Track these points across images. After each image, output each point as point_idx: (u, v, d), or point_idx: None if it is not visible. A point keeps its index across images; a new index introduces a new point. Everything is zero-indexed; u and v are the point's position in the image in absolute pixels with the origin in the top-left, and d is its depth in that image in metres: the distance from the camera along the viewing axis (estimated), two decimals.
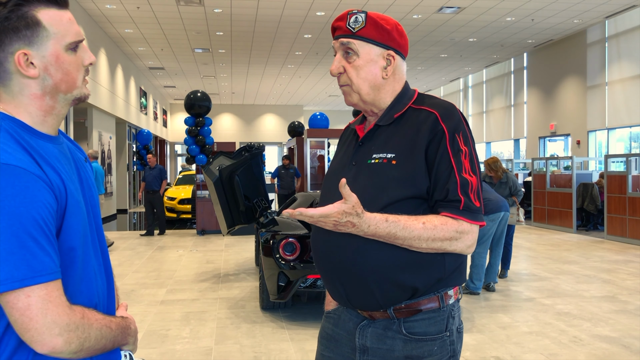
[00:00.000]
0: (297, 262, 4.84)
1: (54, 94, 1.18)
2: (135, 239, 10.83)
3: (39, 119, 1.18)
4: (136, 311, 5.39)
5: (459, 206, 1.43)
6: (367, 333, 1.53)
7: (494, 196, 6.08)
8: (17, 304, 1.03)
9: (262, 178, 6.47)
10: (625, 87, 13.70)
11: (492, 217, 6.04)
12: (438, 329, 1.49)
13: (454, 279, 1.52)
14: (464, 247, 1.45)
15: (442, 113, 1.49)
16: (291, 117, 28.21)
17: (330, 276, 1.56)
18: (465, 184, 1.44)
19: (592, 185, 11.40)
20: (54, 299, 1.06)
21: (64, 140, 1.28)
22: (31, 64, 1.14)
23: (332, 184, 1.61)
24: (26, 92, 1.16)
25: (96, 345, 1.14)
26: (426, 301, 1.49)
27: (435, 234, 1.41)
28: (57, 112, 1.21)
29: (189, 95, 11.57)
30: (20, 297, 1.03)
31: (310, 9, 12.51)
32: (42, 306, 1.04)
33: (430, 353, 1.48)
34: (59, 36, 1.16)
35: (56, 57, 1.16)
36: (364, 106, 1.59)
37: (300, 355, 4.15)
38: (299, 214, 1.27)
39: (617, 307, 5.44)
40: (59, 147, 1.21)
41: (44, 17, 1.14)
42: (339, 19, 1.56)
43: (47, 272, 1.05)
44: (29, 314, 1.04)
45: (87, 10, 12.58)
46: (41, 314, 1.04)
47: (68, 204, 1.13)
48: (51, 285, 1.06)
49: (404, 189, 1.46)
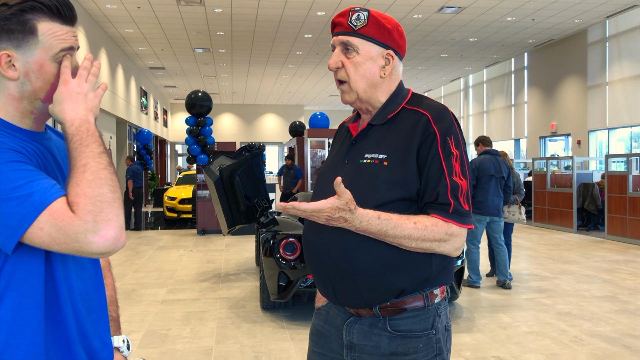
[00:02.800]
0: (297, 262, 4.85)
1: (32, 100, 1.18)
2: (136, 238, 10.84)
3: (16, 119, 1.18)
4: (136, 311, 5.40)
5: (448, 209, 1.44)
6: (354, 330, 1.54)
7: (484, 200, 6.21)
8: (46, 225, 1.02)
9: (262, 178, 6.47)
10: (626, 87, 13.70)
11: (478, 217, 6.26)
12: (423, 326, 1.51)
13: (440, 278, 1.54)
14: (452, 249, 1.47)
15: (435, 115, 1.49)
16: (292, 117, 28.22)
17: (320, 274, 1.57)
18: (456, 188, 1.45)
19: (592, 185, 11.39)
20: (61, 215, 1.04)
21: (51, 136, 1.28)
22: (12, 66, 1.14)
23: (325, 181, 1.62)
24: (4, 92, 1.16)
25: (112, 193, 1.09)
26: (411, 300, 1.50)
27: (426, 234, 1.42)
28: (35, 116, 1.21)
29: (190, 95, 11.58)
30: (43, 217, 1.02)
31: (311, 9, 12.51)
32: (66, 211, 1.03)
33: (416, 350, 1.49)
34: (48, 46, 1.16)
35: (40, 65, 1.16)
36: (360, 104, 1.60)
37: (301, 355, 4.15)
38: (292, 208, 1.28)
39: (617, 307, 5.43)
40: (37, 144, 1.20)
41: (43, 28, 1.14)
42: (340, 15, 1.56)
43: (47, 195, 1.04)
44: (61, 222, 1.02)
45: (87, 10, 12.59)
46: (67, 216, 1.02)
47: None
48: (54, 205, 1.04)
49: (394, 191, 1.47)
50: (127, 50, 16.76)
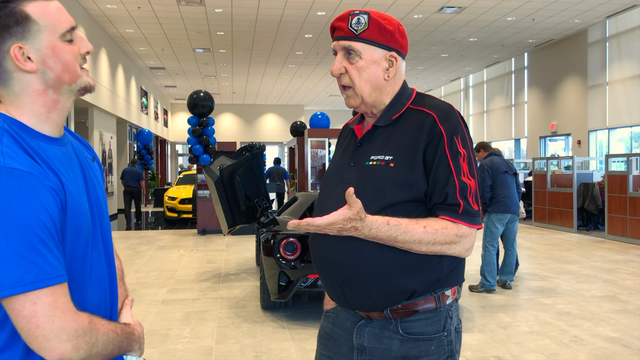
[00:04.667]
0: (297, 262, 4.85)
1: (57, 87, 1.16)
2: (136, 238, 10.84)
3: (43, 117, 1.16)
4: (137, 311, 5.40)
5: (458, 210, 1.43)
6: (365, 333, 1.53)
7: (507, 196, 6.09)
8: (23, 311, 1.01)
9: (262, 178, 6.48)
10: (626, 87, 13.70)
11: (500, 217, 6.10)
12: (435, 329, 1.49)
13: (451, 279, 1.52)
14: (463, 250, 1.45)
15: (440, 115, 1.48)
16: (292, 117, 28.22)
17: (329, 277, 1.56)
18: (464, 188, 1.43)
19: (592, 185, 11.39)
20: (61, 305, 1.04)
21: (70, 140, 1.26)
22: (28, 59, 1.12)
23: (330, 184, 1.60)
24: (29, 90, 1.14)
25: (104, 351, 1.12)
26: (423, 301, 1.48)
27: (436, 238, 1.40)
28: (61, 105, 1.18)
29: (192, 95, 11.58)
30: (26, 304, 1.01)
31: (311, 9, 12.51)
32: (48, 312, 1.02)
33: (428, 353, 1.48)
34: (51, 27, 1.14)
35: (52, 48, 1.14)
36: (365, 108, 1.58)
37: (301, 355, 4.16)
38: (306, 225, 1.27)
39: (617, 307, 5.43)
40: (62, 149, 1.19)
41: (32, 10, 1.12)
42: (340, 19, 1.53)
43: (56, 274, 1.04)
44: (35, 321, 1.02)
45: (87, 10, 12.59)
46: (48, 320, 1.02)
47: (68, 207, 1.11)
48: (58, 290, 1.04)
49: (402, 192, 1.45)
50: (128, 50, 16.76)
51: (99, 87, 13.69)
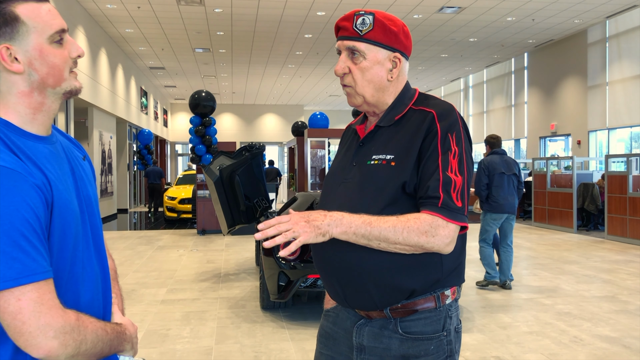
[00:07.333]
0: (297, 262, 4.84)
1: (42, 89, 1.16)
2: (136, 238, 10.84)
3: (28, 117, 1.16)
4: (136, 311, 5.40)
5: (437, 203, 1.40)
6: (364, 332, 1.53)
7: (501, 197, 6.15)
8: (8, 308, 1.00)
9: (262, 178, 6.48)
10: (626, 87, 13.70)
11: (494, 217, 6.19)
12: (434, 328, 1.49)
13: (451, 279, 1.52)
14: (442, 244, 1.40)
15: (439, 113, 1.48)
16: (292, 116, 28.22)
17: (329, 277, 1.56)
18: (448, 182, 1.41)
19: (592, 185, 11.39)
20: (47, 301, 1.03)
21: (58, 139, 1.26)
22: (15, 59, 1.12)
23: (332, 183, 1.61)
24: (14, 91, 1.14)
25: (93, 349, 1.11)
26: (422, 301, 1.48)
27: (410, 225, 1.37)
28: (47, 108, 1.18)
29: (194, 94, 11.58)
30: (10, 300, 1.00)
31: (311, 9, 12.51)
32: (34, 309, 1.01)
33: (427, 352, 1.48)
34: (40, 29, 1.14)
35: (39, 50, 1.14)
36: (367, 107, 1.58)
37: (301, 355, 4.15)
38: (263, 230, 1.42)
39: (617, 307, 5.43)
40: (49, 147, 1.18)
41: (22, 11, 1.12)
42: (344, 19, 1.53)
43: (40, 270, 1.03)
44: (21, 317, 1.01)
45: (87, 10, 12.59)
46: (34, 317, 1.01)
47: (55, 203, 1.11)
48: (43, 286, 1.03)
49: (402, 191, 1.45)
50: (127, 50, 16.76)
51: (98, 86, 13.68)
